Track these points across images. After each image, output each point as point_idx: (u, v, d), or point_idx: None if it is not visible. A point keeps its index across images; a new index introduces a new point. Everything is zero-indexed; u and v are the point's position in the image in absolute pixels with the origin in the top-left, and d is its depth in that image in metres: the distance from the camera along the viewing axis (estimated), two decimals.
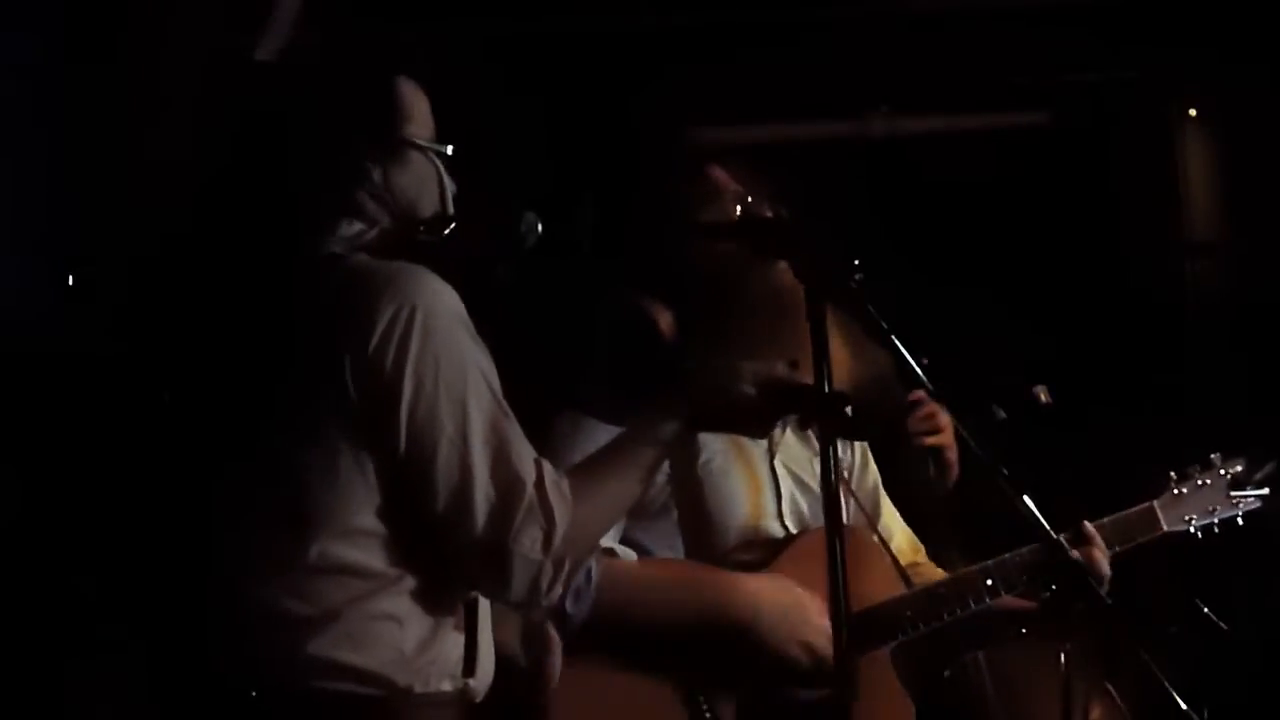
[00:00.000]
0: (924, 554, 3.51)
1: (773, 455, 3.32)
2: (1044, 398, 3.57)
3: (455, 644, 2.54)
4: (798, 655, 3.13)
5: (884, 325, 2.63)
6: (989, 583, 3.28)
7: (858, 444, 3.48)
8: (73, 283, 3.73)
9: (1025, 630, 3.37)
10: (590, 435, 3.05)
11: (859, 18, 5.26)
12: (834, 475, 2.51)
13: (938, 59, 5.37)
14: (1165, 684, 2.54)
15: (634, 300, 3.26)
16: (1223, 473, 3.49)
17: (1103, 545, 3.30)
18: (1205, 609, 4.09)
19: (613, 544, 3.12)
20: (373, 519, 2.47)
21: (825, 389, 2.53)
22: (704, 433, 3.02)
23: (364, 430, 2.45)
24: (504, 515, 2.45)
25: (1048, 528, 2.71)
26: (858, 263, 2.65)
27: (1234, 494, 3.48)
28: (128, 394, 3.33)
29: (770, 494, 3.30)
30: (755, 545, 3.25)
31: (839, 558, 2.45)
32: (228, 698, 2.49)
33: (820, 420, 2.57)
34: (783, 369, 2.68)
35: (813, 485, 3.32)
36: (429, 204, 2.65)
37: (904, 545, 3.48)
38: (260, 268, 2.61)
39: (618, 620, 3.07)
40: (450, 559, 2.49)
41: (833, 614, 2.47)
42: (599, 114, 5.17)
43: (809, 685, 3.13)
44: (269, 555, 2.48)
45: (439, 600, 2.52)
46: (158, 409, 2.70)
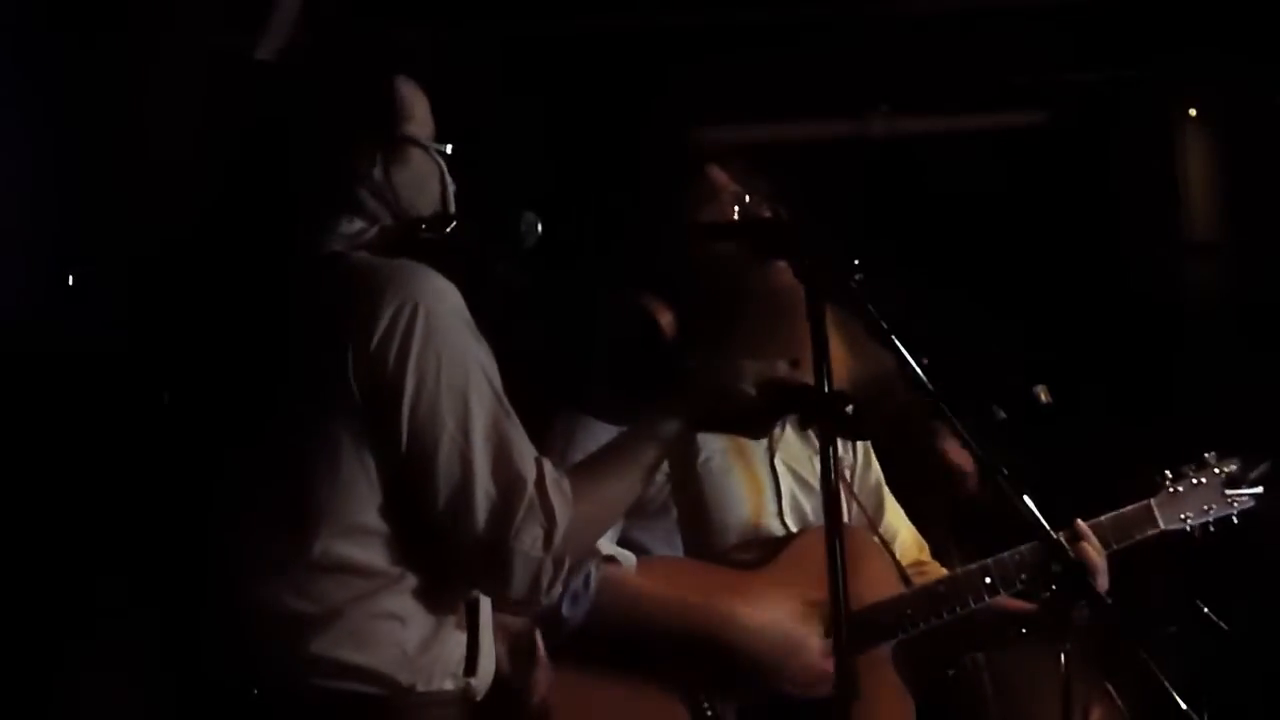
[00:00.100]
0: (929, 552, 3.51)
1: (773, 454, 3.32)
2: (1044, 398, 3.58)
3: (457, 643, 2.54)
4: (785, 691, 3.13)
5: (884, 325, 2.63)
6: (988, 581, 3.28)
7: (860, 442, 3.48)
8: (73, 283, 3.72)
9: (1025, 631, 3.37)
10: (591, 434, 3.06)
11: (859, 18, 5.26)
12: (834, 474, 2.51)
13: (938, 59, 5.37)
14: (1165, 684, 2.54)
15: (635, 300, 3.26)
16: (1217, 471, 3.50)
17: (1096, 542, 3.30)
18: (1205, 609, 4.09)
19: (613, 547, 3.12)
20: (375, 517, 2.47)
21: (825, 389, 2.53)
22: (704, 433, 3.02)
23: (366, 428, 2.45)
24: (505, 513, 2.45)
25: (1048, 528, 2.72)
26: (858, 263, 2.65)
27: (1229, 493, 3.49)
28: (128, 394, 3.33)
29: (770, 493, 3.30)
30: (755, 544, 3.25)
31: (839, 557, 2.45)
32: (229, 696, 2.49)
33: (821, 420, 2.57)
34: (783, 369, 2.67)
35: (813, 483, 3.31)
36: (430, 202, 2.65)
37: (909, 544, 3.48)
38: (261, 266, 2.61)
39: (610, 631, 3.08)
40: (451, 556, 2.48)
41: (833, 613, 2.47)
42: (599, 114, 5.17)
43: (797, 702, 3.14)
44: (271, 554, 2.47)
45: (441, 599, 2.52)
46: (158, 409, 2.70)
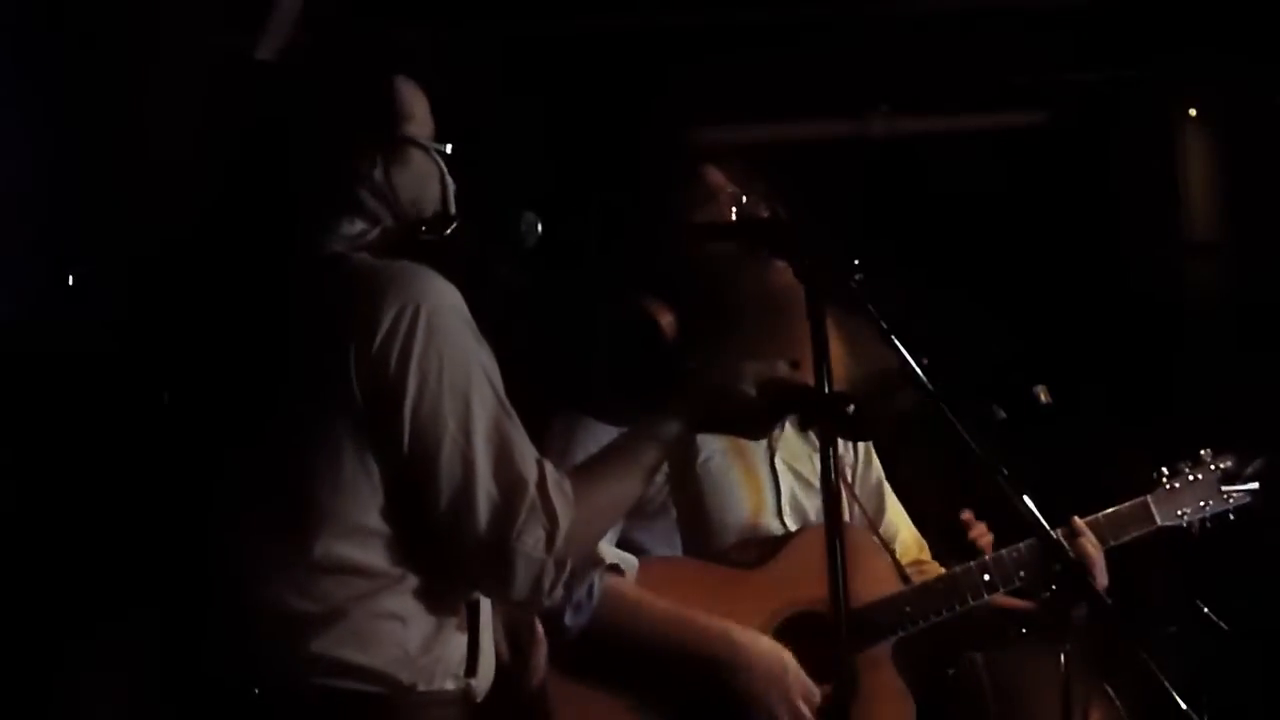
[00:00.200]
0: (928, 551, 3.51)
1: (773, 453, 3.32)
2: (1044, 398, 3.58)
3: (458, 644, 2.54)
4: (774, 714, 3.12)
5: (884, 325, 2.64)
6: (986, 579, 3.28)
7: (861, 442, 3.48)
8: (73, 283, 3.72)
9: (1025, 630, 3.37)
10: (591, 435, 3.06)
11: (859, 18, 5.26)
12: (834, 474, 2.51)
13: (938, 59, 5.37)
14: (1165, 684, 2.54)
15: (635, 301, 3.26)
16: (1213, 468, 3.51)
17: (1094, 538, 3.30)
18: (1205, 609, 4.09)
19: (615, 552, 3.12)
20: (377, 518, 2.47)
21: (826, 390, 2.53)
22: (705, 434, 3.02)
23: (368, 429, 2.45)
24: (506, 514, 2.45)
25: (1047, 528, 2.72)
26: (857, 263, 2.65)
27: (1225, 489, 3.50)
28: (128, 394, 3.33)
29: (770, 491, 3.30)
30: (755, 543, 3.25)
31: (839, 556, 2.45)
32: (231, 696, 2.49)
33: (821, 421, 2.57)
34: (784, 370, 2.68)
35: (814, 482, 3.31)
36: (431, 202, 2.65)
37: (909, 543, 3.48)
38: (262, 267, 2.61)
39: (609, 643, 3.08)
40: (453, 558, 2.48)
41: (833, 612, 2.47)
42: (599, 114, 5.16)
43: None
44: (273, 554, 2.48)
45: (442, 600, 2.52)
46: (158, 409, 2.70)
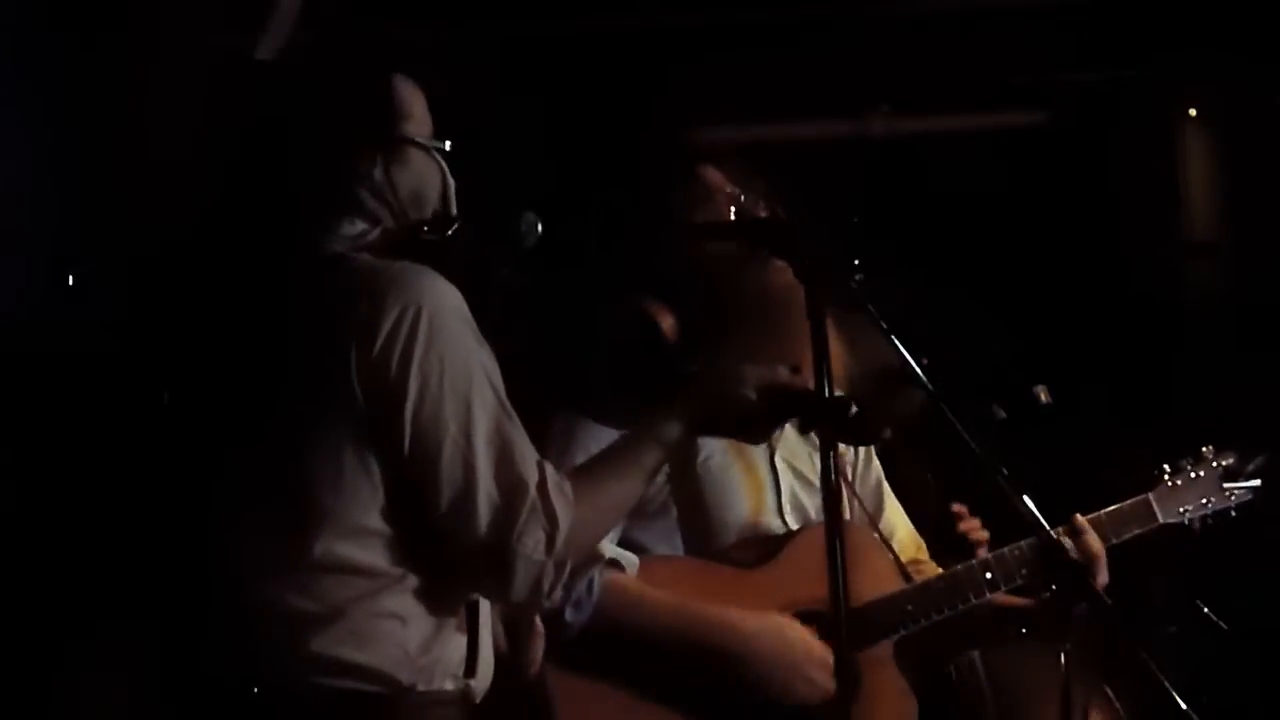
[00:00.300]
0: (926, 550, 3.51)
1: (773, 451, 3.32)
2: (1044, 398, 3.58)
3: (458, 644, 2.54)
4: (787, 700, 3.12)
5: (884, 325, 2.64)
6: (988, 576, 3.28)
7: None
8: (73, 283, 3.72)
9: (1025, 630, 3.37)
10: (591, 437, 3.06)
11: (859, 18, 5.26)
12: (834, 475, 2.51)
13: (938, 59, 5.37)
14: (1165, 684, 2.54)
15: (636, 302, 3.26)
16: (1215, 465, 3.51)
17: (1095, 536, 3.30)
18: (1205, 609, 4.09)
19: (615, 549, 3.12)
20: (377, 518, 2.47)
21: (826, 392, 2.53)
22: (704, 436, 3.02)
23: (369, 430, 2.45)
24: (507, 516, 2.45)
25: (1048, 528, 2.72)
26: (858, 263, 2.65)
27: (1227, 486, 3.50)
28: (128, 394, 3.33)
29: (771, 490, 3.30)
30: (755, 542, 3.25)
31: (839, 555, 2.45)
32: (230, 695, 2.49)
33: (822, 426, 2.57)
34: (784, 374, 2.68)
35: (813, 480, 3.31)
36: (431, 201, 2.65)
37: (907, 541, 3.48)
38: (262, 267, 2.61)
39: (612, 638, 3.07)
40: (453, 559, 2.48)
41: (833, 612, 2.47)
42: (599, 114, 5.16)
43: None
44: (273, 553, 2.48)
45: (442, 600, 2.52)
46: (158, 409, 2.70)
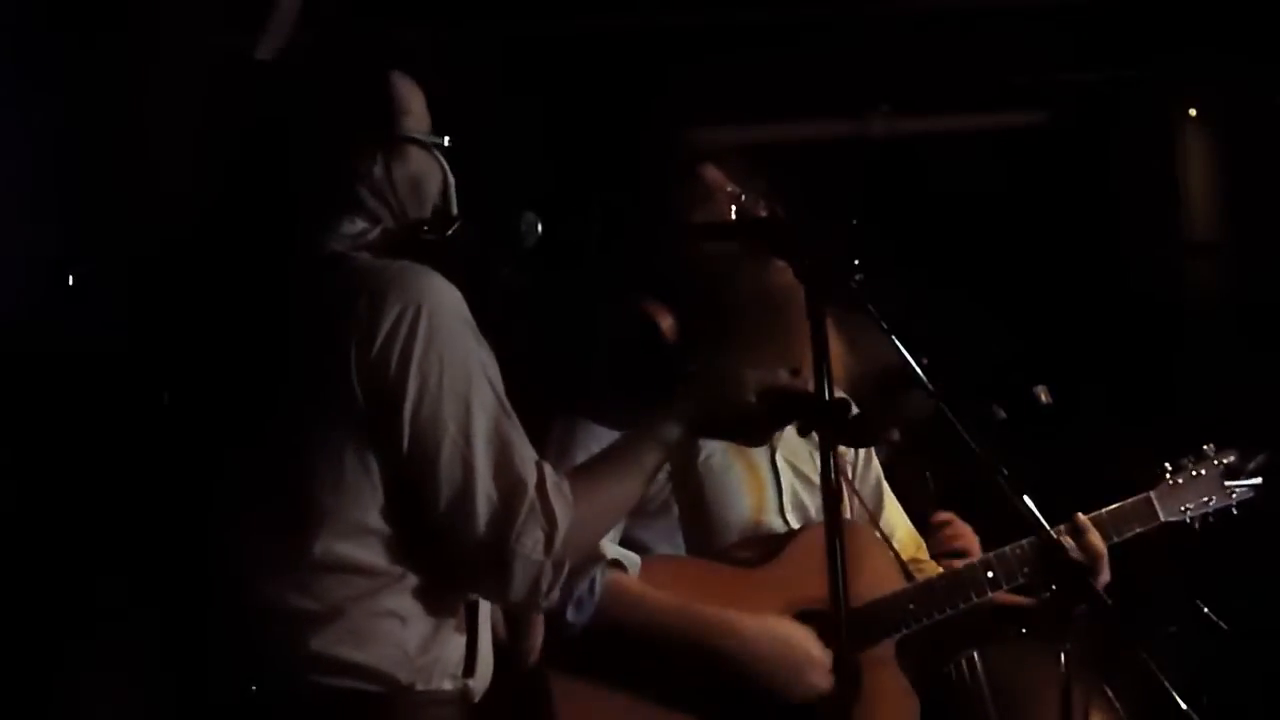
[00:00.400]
0: (925, 550, 3.51)
1: (774, 450, 3.32)
2: (1044, 398, 3.58)
3: (457, 644, 2.54)
4: (786, 701, 3.11)
5: (884, 325, 2.64)
6: (990, 575, 3.28)
7: None
8: (73, 283, 3.72)
9: (1025, 630, 3.37)
10: (591, 437, 3.06)
11: (859, 18, 5.26)
12: (834, 475, 2.51)
13: (938, 59, 5.37)
14: (1165, 684, 2.54)
15: (636, 302, 3.26)
16: (1216, 463, 3.51)
17: (1098, 535, 3.30)
18: (1205, 609, 4.09)
19: (617, 549, 3.12)
20: (377, 518, 2.47)
21: (826, 393, 2.53)
22: (704, 438, 3.02)
23: (368, 430, 2.45)
24: (506, 516, 2.45)
25: (1048, 528, 2.72)
26: (858, 263, 2.65)
27: (1228, 484, 3.50)
28: (128, 394, 3.33)
29: (772, 489, 3.30)
30: (756, 541, 3.25)
31: (839, 555, 2.45)
32: (230, 693, 2.50)
33: (821, 428, 2.57)
34: (784, 377, 2.68)
35: (815, 479, 3.31)
36: (431, 198, 2.65)
37: (907, 540, 3.48)
38: (262, 266, 2.61)
39: (613, 638, 3.08)
40: (452, 559, 2.49)
41: (833, 611, 2.47)
42: (599, 114, 5.16)
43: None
44: (273, 553, 2.48)
45: (442, 600, 2.52)
46: (158, 409, 2.70)
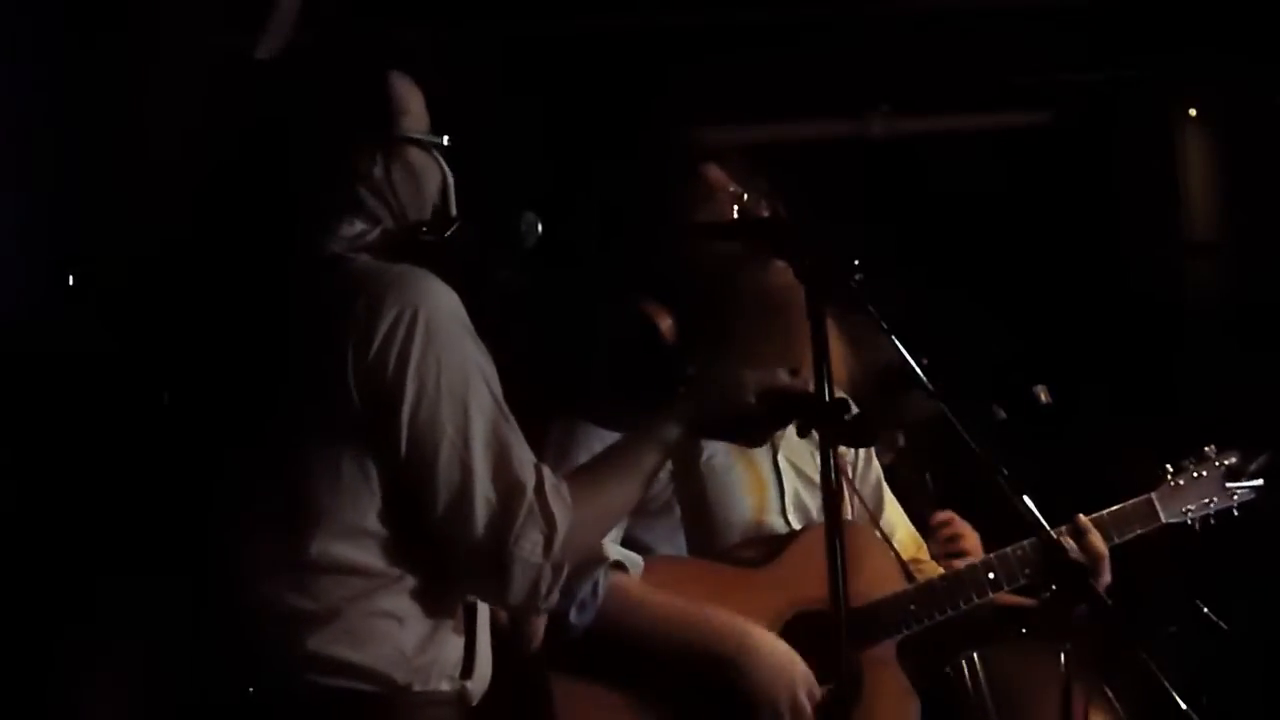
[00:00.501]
0: (926, 550, 3.51)
1: (775, 450, 3.32)
2: (1044, 398, 3.58)
3: (455, 646, 2.54)
4: (771, 710, 3.10)
5: (884, 325, 2.64)
6: (991, 576, 3.27)
7: None
8: (73, 283, 3.72)
9: (1025, 630, 3.37)
10: (591, 439, 3.06)
11: (859, 18, 5.26)
12: (834, 475, 2.51)
13: (938, 59, 5.37)
14: (1165, 684, 2.54)
15: (636, 304, 3.26)
16: (1218, 464, 3.51)
17: (1099, 536, 3.30)
18: (1205, 609, 4.09)
19: (620, 550, 3.12)
20: (374, 520, 2.47)
21: (826, 394, 2.53)
22: (703, 439, 3.02)
23: (366, 433, 2.45)
24: (504, 519, 2.45)
25: (1048, 529, 2.72)
26: (857, 263, 2.65)
27: (1230, 485, 3.49)
28: (128, 394, 3.33)
29: (773, 489, 3.30)
30: (758, 541, 3.25)
31: (839, 556, 2.45)
32: (227, 693, 2.49)
33: (821, 429, 2.57)
34: (784, 377, 2.68)
35: (816, 479, 3.31)
36: (431, 198, 2.65)
37: (907, 541, 3.48)
38: (261, 267, 2.61)
39: (614, 641, 3.07)
40: (450, 561, 2.49)
41: (833, 611, 2.47)
42: (599, 114, 5.16)
43: None
44: (271, 553, 2.48)
45: (440, 601, 2.52)
46: (158, 409, 2.70)
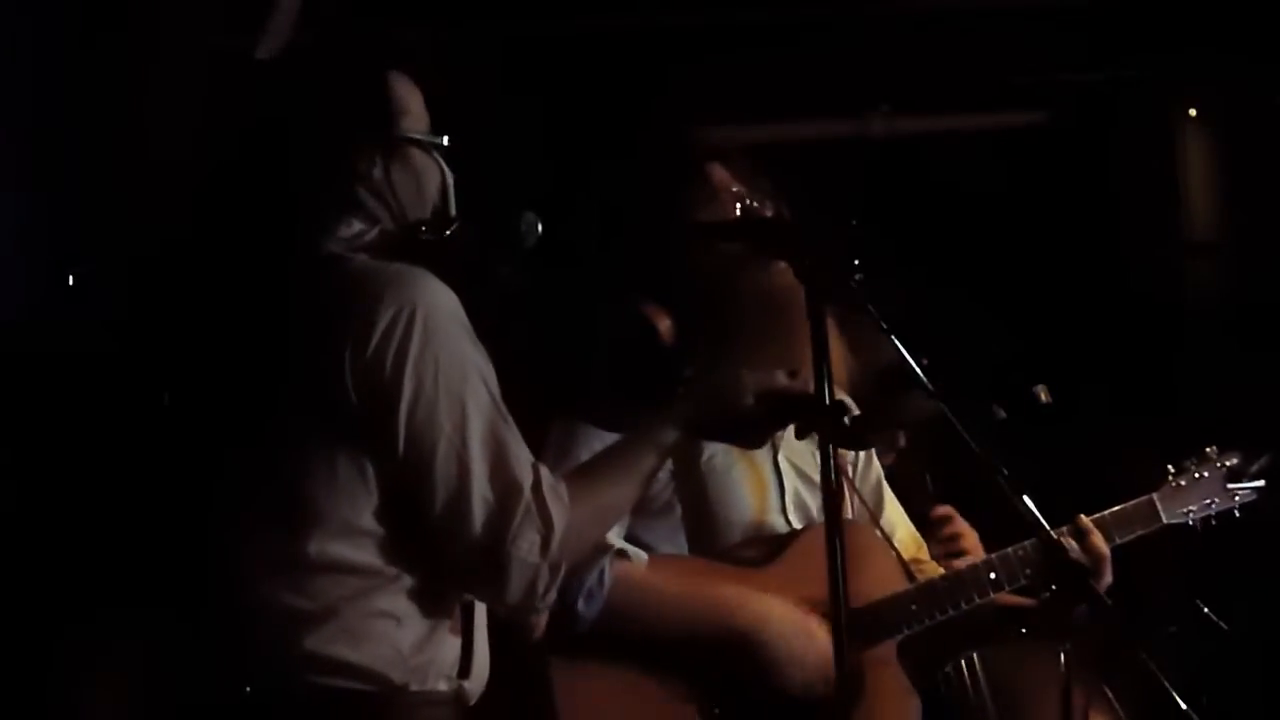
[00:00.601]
0: (926, 550, 3.51)
1: (776, 450, 3.32)
2: (1044, 397, 3.58)
3: (452, 646, 2.54)
4: (797, 679, 3.11)
5: (884, 325, 2.63)
6: (992, 577, 3.28)
7: None
8: (73, 283, 3.72)
9: (1025, 630, 3.37)
10: (590, 440, 3.06)
11: (859, 18, 5.26)
12: (834, 474, 2.51)
13: (938, 59, 5.36)
14: (1165, 684, 2.54)
15: (635, 304, 3.26)
16: (1219, 465, 3.50)
17: (1101, 537, 3.30)
18: (1205, 609, 4.09)
19: (624, 544, 3.12)
20: (371, 519, 2.47)
21: (825, 395, 2.53)
22: (702, 440, 3.02)
23: (363, 432, 2.45)
24: (502, 518, 2.45)
25: (1048, 529, 2.72)
26: (858, 263, 2.65)
27: (1231, 486, 3.49)
28: (128, 394, 3.33)
29: (774, 489, 3.30)
30: (759, 541, 3.25)
31: (839, 556, 2.45)
32: (224, 693, 2.49)
33: (820, 430, 2.57)
34: (783, 379, 2.68)
35: (817, 479, 3.31)
36: (430, 198, 2.65)
37: (907, 541, 3.48)
38: (261, 267, 2.61)
39: (625, 625, 3.08)
40: (447, 561, 2.48)
41: (833, 611, 2.47)
42: (599, 114, 5.16)
43: (807, 701, 3.13)
44: (269, 552, 2.48)
45: (437, 601, 2.52)
46: (157, 409, 2.70)
